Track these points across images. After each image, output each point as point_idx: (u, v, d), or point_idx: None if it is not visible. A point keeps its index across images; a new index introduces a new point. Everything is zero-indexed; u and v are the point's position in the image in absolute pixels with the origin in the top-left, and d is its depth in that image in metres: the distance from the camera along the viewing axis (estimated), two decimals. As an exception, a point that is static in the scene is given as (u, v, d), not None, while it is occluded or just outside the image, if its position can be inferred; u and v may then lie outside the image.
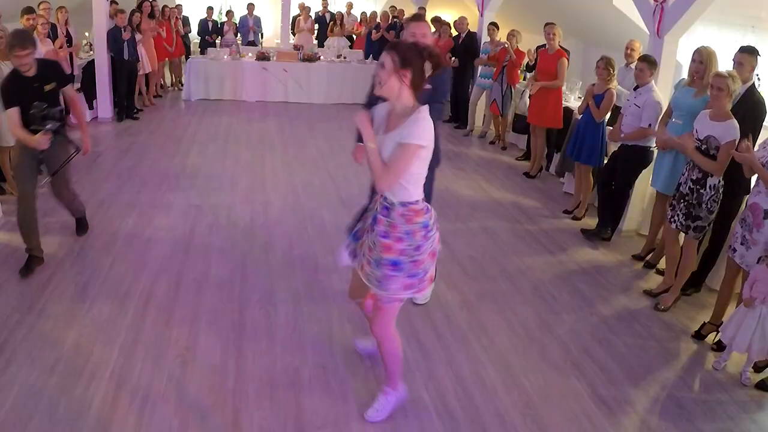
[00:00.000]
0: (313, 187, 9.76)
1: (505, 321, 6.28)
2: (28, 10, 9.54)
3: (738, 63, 6.55)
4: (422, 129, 4.21)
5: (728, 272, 6.15)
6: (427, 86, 4.46)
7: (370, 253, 4.44)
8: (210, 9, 19.08)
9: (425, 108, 4.30)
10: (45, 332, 5.64)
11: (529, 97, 11.36)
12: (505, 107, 12.43)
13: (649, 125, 7.55)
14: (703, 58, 6.90)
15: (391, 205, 4.39)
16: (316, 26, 20.77)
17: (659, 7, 8.01)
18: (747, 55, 6.53)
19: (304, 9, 20.18)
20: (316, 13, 21.11)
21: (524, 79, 12.94)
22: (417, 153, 4.20)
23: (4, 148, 8.53)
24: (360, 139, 4.54)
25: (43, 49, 9.70)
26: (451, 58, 14.70)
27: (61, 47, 10.71)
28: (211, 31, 18.91)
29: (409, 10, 18.32)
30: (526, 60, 13.23)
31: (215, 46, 18.43)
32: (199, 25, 18.84)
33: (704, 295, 7.04)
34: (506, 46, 12.34)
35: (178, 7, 18.57)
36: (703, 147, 6.16)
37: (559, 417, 4.98)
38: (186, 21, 18.57)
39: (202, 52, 18.25)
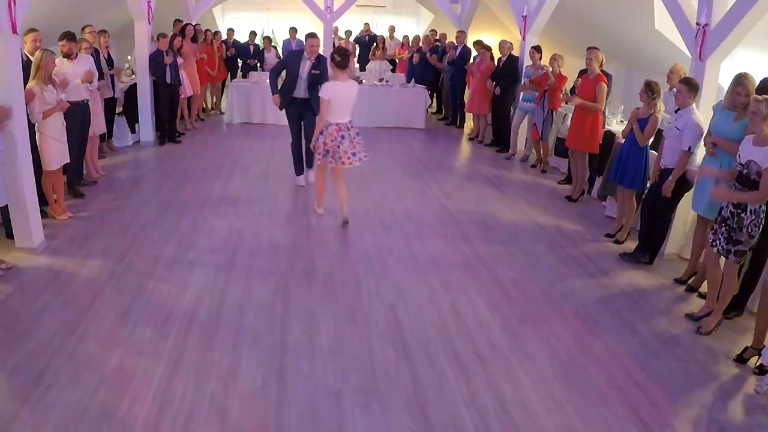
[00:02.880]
0: (355, 211, 9.79)
1: (547, 344, 6.29)
2: (63, 36, 9.56)
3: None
4: (323, 88, 8.63)
5: (765, 296, 6.10)
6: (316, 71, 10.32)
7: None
8: (252, 33, 19.34)
9: (332, 81, 8.75)
10: (87, 355, 5.70)
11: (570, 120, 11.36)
12: (545, 132, 12.38)
13: (689, 148, 7.53)
14: (749, 91, 6.83)
15: None
16: (357, 48, 20.87)
17: (701, 30, 7.99)
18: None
19: (346, 33, 20.35)
20: (357, 36, 21.25)
21: (566, 103, 12.90)
22: (323, 100, 8.57)
23: (47, 173, 8.62)
24: None
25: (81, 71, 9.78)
26: (493, 82, 14.75)
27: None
28: (252, 55, 19.11)
29: (451, 34, 18.36)
30: (570, 84, 13.11)
31: (257, 70, 18.61)
32: (238, 48, 19.05)
33: (746, 319, 6.97)
34: (546, 69, 12.35)
35: (230, 31, 18.81)
36: (744, 171, 6.12)
37: (600, 440, 4.97)
38: (236, 44, 18.83)
39: (244, 76, 18.46)
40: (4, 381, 5.26)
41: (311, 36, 10.54)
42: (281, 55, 18.90)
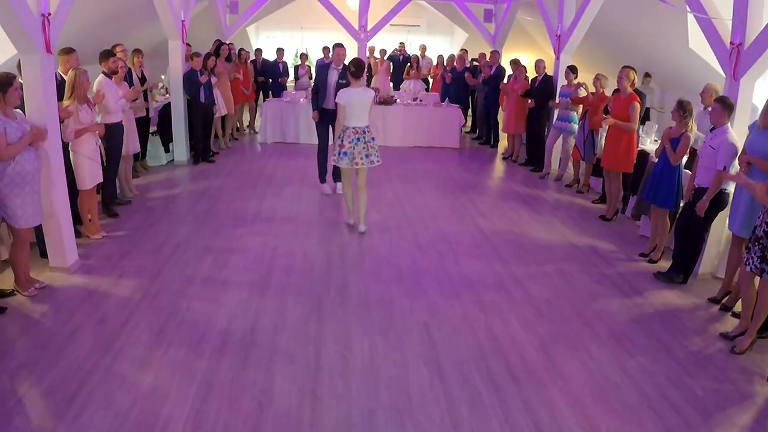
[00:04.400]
0: (389, 231, 9.89)
1: (581, 364, 6.28)
2: (109, 53, 9.71)
3: None
4: (338, 95, 9.60)
5: None
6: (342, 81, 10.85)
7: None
8: (280, 51, 19.32)
9: (347, 88, 9.68)
10: (121, 375, 5.73)
11: (603, 139, 11.32)
12: (587, 152, 12.30)
13: (724, 167, 7.50)
14: None
15: None
16: (391, 66, 20.88)
17: (735, 50, 7.99)
18: None
19: (380, 51, 20.41)
20: (390, 54, 21.27)
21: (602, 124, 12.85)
22: (339, 105, 9.54)
23: (81, 192, 8.73)
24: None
25: (120, 92, 10.00)
26: (528, 100, 14.76)
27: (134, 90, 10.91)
28: (282, 73, 19.19)
29: (486, 53, 18.37)
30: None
31: (285, 89, 18.73)
32: (267, 68, 19.06)
33: (781, 339, 6.94)
34: (583, 86, 12.33)
35: (258, 51, 18.89)
36: (777, 190, 6.11)
37: (634, 461, 4.97)
38: (265, 64, 18.93)
39: (275, 95, 18.61)
40: (39, 400, 5.33)
41: (338, 45, 11.38)
42: (312, 75, 19.00)
